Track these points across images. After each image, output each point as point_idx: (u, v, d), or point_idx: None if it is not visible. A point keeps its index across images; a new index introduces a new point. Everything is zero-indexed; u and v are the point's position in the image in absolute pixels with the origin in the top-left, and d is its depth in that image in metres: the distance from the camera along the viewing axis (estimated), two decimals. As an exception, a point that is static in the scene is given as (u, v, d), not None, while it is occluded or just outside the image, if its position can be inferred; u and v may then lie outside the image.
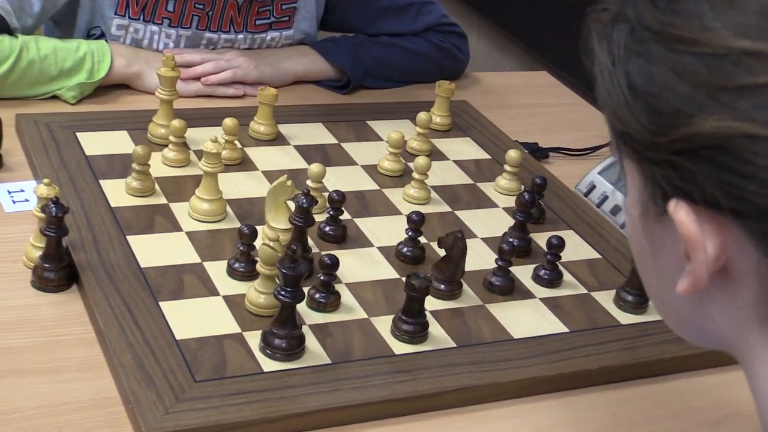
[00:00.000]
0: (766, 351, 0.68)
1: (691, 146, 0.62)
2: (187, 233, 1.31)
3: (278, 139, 1.58)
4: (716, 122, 0.61)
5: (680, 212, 0.64)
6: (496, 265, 1.30)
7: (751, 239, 0.63)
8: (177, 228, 1.32)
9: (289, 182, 1.26)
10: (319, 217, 1.34)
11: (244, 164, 1.49)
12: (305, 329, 1.16)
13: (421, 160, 1.46)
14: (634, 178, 0.70)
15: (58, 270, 1.19)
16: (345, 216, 1.37)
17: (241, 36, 1.77)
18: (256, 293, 1.18)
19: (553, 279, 1.33)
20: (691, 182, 0.63)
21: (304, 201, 1.23)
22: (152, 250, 1.26)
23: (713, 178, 0.62)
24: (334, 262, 1.20)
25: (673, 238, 0.67)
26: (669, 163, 0.64)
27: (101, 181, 1.38)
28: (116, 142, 1.49)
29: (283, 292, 1.10)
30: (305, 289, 1.13)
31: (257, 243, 1.23)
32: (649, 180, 0.67)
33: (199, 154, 1.46)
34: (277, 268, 1.10)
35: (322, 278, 1.20)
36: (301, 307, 1.18)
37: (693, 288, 0.66)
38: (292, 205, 1.27)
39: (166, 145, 1.46)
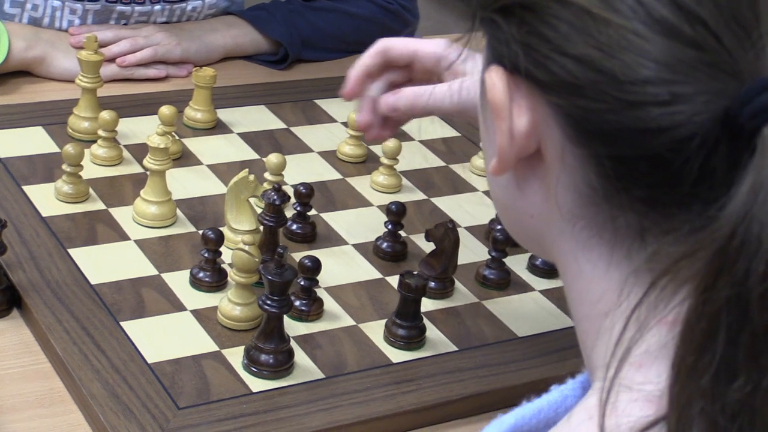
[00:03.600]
0: (575, 257, 0.77)
1: (509, 4, 0.74)
2: (136, 242, 1.39)
3: (218, 127, 1.66)
4: None
5: (491, 76, 0.76)
6: (489, 257, 1.41)
7: (556, 118, 0.74)
8: (123, 236, 1.40)
9: (252, 177, 1.36)
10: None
11: (185, 158, 1.57)
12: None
13: (390, 143, 1.56)
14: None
15: (-5, 293, 1.27)
16: (311, 212, 1.47)
17: (158, 7, 1.83)
18: (231, 305, 1.27)
19: (551, 267, 1.44)
20: (503, 44, 0.75)
21: (276, 198, 1.33)
22: (100, 264, 1.34)
23: (520, 40, 0.73)
24: (317, 265, 1.29)
25: None
26: (491, 22, 0.76)
27: (24, 187, 1.45)
28: (32, 141, 1.56)
29: (269, 302, 1.19)
30: (284, 297, 1.23)
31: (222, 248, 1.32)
32: (486, 45, 0.79)
33: (131, 148, 1.55)
34: (261, 275, 1.19)
35: (302, 283, 1.30)
36: (281, 318, 1.28)
37: (500, 167, 0.78)
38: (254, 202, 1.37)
39: (93, 141, 1.54)
